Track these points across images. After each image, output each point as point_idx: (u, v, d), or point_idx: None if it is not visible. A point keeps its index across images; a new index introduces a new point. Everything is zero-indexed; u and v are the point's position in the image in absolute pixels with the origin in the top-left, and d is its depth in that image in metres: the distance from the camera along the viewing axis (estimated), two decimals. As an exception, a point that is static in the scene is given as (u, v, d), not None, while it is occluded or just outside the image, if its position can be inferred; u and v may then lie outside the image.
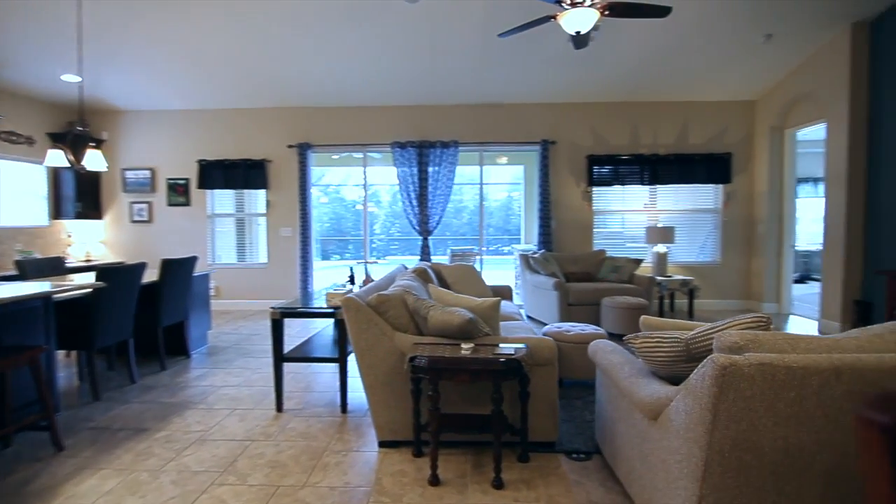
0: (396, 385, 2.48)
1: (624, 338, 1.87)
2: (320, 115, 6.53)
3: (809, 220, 7.52)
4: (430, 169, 6.40)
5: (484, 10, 4.54)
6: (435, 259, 12.15)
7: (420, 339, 2.46)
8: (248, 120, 6.58)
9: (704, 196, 6.54)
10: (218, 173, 6.54)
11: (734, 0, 4.42)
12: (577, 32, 3.17)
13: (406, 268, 4.24)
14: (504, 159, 9.72)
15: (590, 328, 3.50)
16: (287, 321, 4.78)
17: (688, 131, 6.40)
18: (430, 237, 6.55)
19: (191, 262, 4.29)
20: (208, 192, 6.70)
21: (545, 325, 5.34)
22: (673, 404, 1.58)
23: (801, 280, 8.33)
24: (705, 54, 5.31)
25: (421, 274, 3.58)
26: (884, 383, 1.33)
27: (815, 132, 5.92)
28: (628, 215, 6.60)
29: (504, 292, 4.63)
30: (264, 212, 6.71)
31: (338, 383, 3.13)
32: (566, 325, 3.59)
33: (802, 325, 5.49)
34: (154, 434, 2.76)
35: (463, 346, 2.25)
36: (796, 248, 6.39)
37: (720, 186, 6.47)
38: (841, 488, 1.41)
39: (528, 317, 5.94)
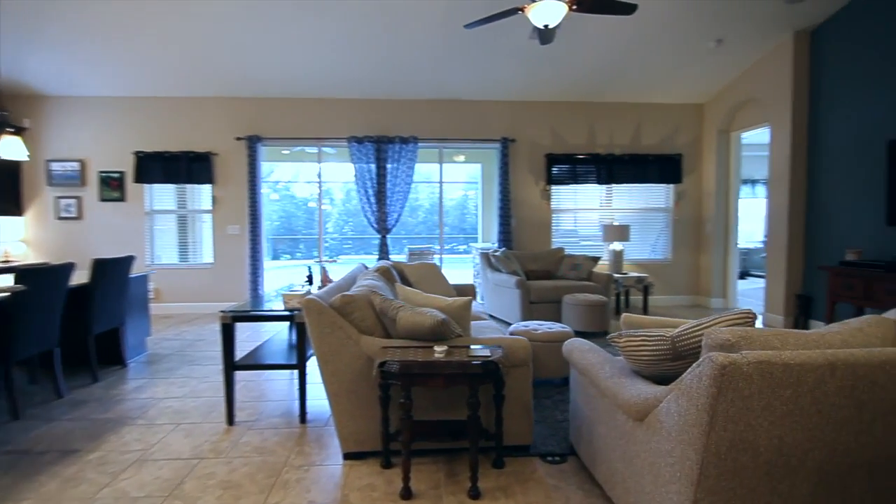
0: (363, 392, 2.31)
1: (608, 337, 1.80)
2: (271, 107, 6.19)
3: (746, 219, 7.94)
4: (389, 166, 6.21)
5: (446, 2, 4.43)
6: (392, 258, 11.86)
7: (389, 343, 2.31)
8: (192, 109, 6.14)
9: (657, 195, 6.73)
10: (157, 166, 6.06)
11: (689, 5, 4.54)
12: (546, 26, 3.11)
13: (366, 267, 4.05)
14: (462, 157, 9.66)
15: (557, 326, 3.46)
16: (237, 326, 4.49)
17: (641, 132, 6.57)
18: (388, 235, 6.37)
19: (126, 262, 3.91)
20: (146, 186, 6.20)
21: (508, 323, 5.30)
22: (663, 405, 1.51)
23: (741, 276, 8.79)
24: (660, 58, 5.44)
25: (385, 273, 3.41)
26: (875, 377, 1.32)
27: (753, 136, 6.23)
28: (585, 214, 6.69)
29: (468, 291, 4.53)
30: (209, 208, 6.28)
31: (296, 391, 2.92)
32: (533, 324, 3.54)
33: (748, 319, 5.74)
34: (85, 456, 2.45)
35: (436, 348, 2.12)
36: (738, 246, 6.71)
37: (671, 186, 6.68)
38: (830, 484, 1.40)
39: (490, 315, 5.88)
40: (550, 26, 3.13)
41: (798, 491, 1.39)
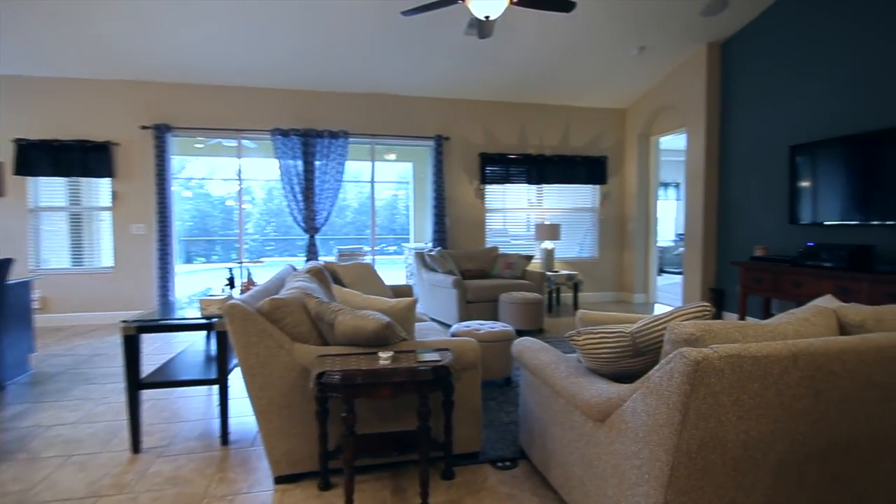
0: (297, 407, 2.07)
1: (566, 335, 1.72)
2: (184, 93, 5.61)
3: (659, 219, 8.47)
4: (318, 162, 5.86)
5: (379, -10, 4.23)
6: (321, 260, 11.33)
7: (326, 350, 2.08)
8: (88, 93, 5.40)
9: (584, 196, 6.96)
10: (44, 157, 5.26)
11: (615, 14, 4.70)
12: (487, 17, 3.02)
13: (295, 269, 3.74)
14: (392, 156, 9.45)
15: (499, 325, 3.39)
16: (143, 338, 4.01)
17: (570, 134, 6.75)
18: (317, 235, 6.02)
19: (2, 266, 3.31)
20: (30, 179, 5.37)
21: (446, 324, 5.19)
22: (628, 404, 1.45)
23: (658, 273, 9.37)
24: (588, 63, 5.60)
25: (317, 274, 3.15)
26: (832, 366, 1.33)
27: (665, 141, 6.63)
28: (517, 213, 6.75)
29: (405, 292, 4.35)
30: (109, 205, 5.57)
31: (216, 409, 2.59)
32: (474, 324, 3.44)
33: (668, 312, 6.08)
34: (-61, 506, 1.98)
35: (381, 354, 1.93)
36: (657, 244, 7.11)
37: (597, 187, 6.94)
38: (789, 475, 1.40)
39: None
40: (491, 18, 3.05)
41: (761, 484, 1.38)
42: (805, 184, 4.39)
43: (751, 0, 4.70)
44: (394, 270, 11.00)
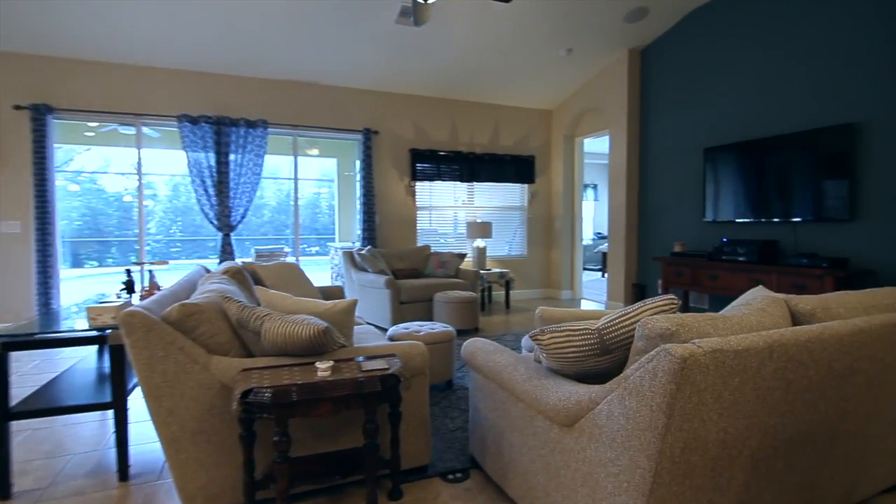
0: (216, 431, 1.75)
1: (529, 335, 1.59)
2: (70, 69, 4.84)
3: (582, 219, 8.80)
4: (234, 156, 5.34)
5: (303, -34, 3.89)
6: (238, 261, 10.53)
7: (252, 363, 1.79)
8: (-63, 64, 4.49)
9: (513, 194, 7.01)
10: None
11: (544, 14, 4.73)
12: (426, 0, 2.84)
13: (208, 270, 3.31)
14: (315, 151, 8.97)
15: (439, 326, 3.23)
16: (17, 356, 3.47)
17: (499, 133, 6.77)
18: (233, 235, 5.49)
19: None
20: None
21: (381, 327, 4.93)
22: (602, 407, 1.34)
23: (580, 270, 9.75)
24: (517, 62, 5.62)
25: (236, 275, 2.79)
26: (801, 357, 1.30)
27: (586, 143, 6.88)
28: (449, 211, 6.64)
29: (335, 293, 4.05)
30: (-29, 199, 4.67)
31: (111, 438, 2.17)
32: (413, 325, 3.25)
33: (593, 307, 6.28)
34: None
35: (318, 365, 1.68)
36: (582, 242, 7.35)
37: (526, 186, 7.03)
38: (759, 469, 1.36)
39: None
40: (429, 1, 2.88)
41: (735, 482, 1.33)
42: (717, 184, 4.69)
43: (668, 10, 4.95)
44: (318, 272, 10.47)
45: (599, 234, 11.65)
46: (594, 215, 11.95)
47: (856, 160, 3.67)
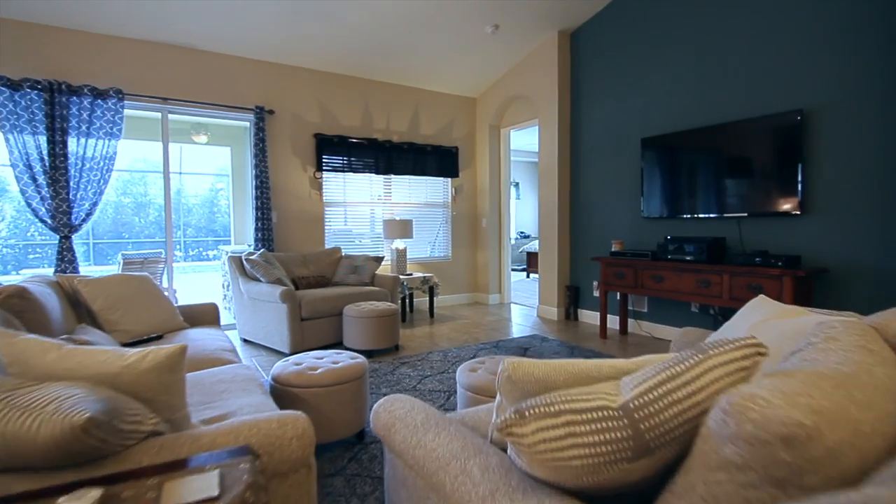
0: None
1: (499, 428, 0.85)
2: None
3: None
4: (74, 136, 4.08)
5: None
6: (92, 270, 8.92)
7: (-73, 500, 0.87)
8: None
9: (435, 189, 6.31)
10: None
11: (472, -30, 4.07)
12: None
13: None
14: (203, 138, 7.66)
15: (344, 356, 2.40)
16: None
17: (420, 120, 6.03)
18: (75, 235, 4.22)
19: None
20: None
21: (278, 351, 3.97)
22: None
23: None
24: (440, 36, 4.92)
25: (15, 302, 1.77)
26: None
27: (514, 138, 6.38)
28: (363, 208, 5.78)
29: (204, 313, 3.06)
30: None
31: None
32: (309, 358, 2.39)
33: (524, 312, 5.77)
34: None
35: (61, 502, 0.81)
36: (511, 241, 6.84)
37: (449, 180, 6.36)
38: None
39: (245, 340, 4.42)
40: None
41: None
42: (655, 177, 4.31)
43: (602, -15, 4.51)
44: (214, 279, 9.11)
45: (523, 233, 11.36)
46: (516, 214, 11.65)
47: (806, 150, 3.39)
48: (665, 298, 4.11)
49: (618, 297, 4.73)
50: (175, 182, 13.11)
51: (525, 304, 6.30)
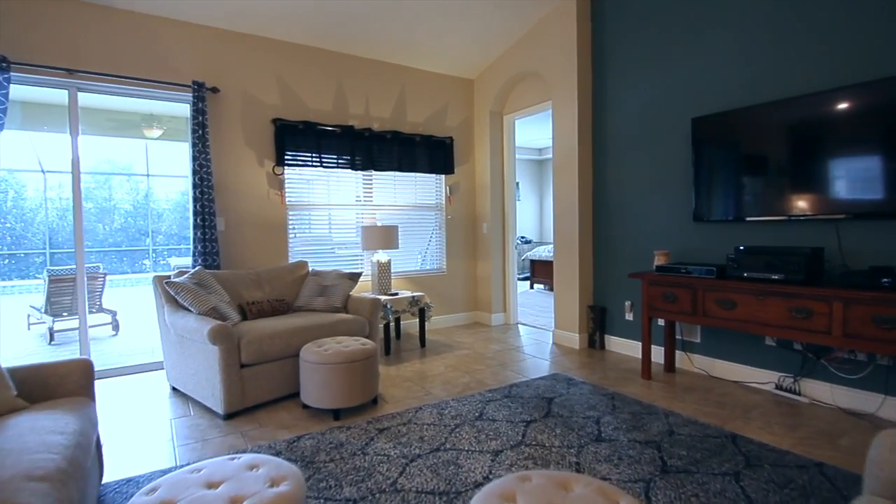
0: None
1: None
2: None
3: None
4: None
5: None
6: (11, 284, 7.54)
7: None
8: None
9: (426, 188, 5.25)
10: None
11: None
12: None
13: None
14: (156, 132, 6.57)
15: (267, 469, 1.33)
16: None
17: (406, 105, 4.99)
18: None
19: None
20: None
21: (207, 411, 2.80)
22: None
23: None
24: (426, 7, 3.90)
25: None
26: None
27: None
28: (339, 212, 4.71)
29: (63, 378, 1.95)
30: None
31: None
32: (211, 466, 1.32)
33: (536, 336, 4.72)
34: None
35: None
36: (516, 250, 5.80)
37: (443, 177, 5.32)
38: None
39: (175, 389, 3.33)
40: None
41: None
42: (715, 168, 3.29)
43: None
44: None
45: (524, 237, 10.34)
46: (517, 217, 10.64)
47: (953, 123, 2.38)
48: (732, 330, 3.08)
49: (659, 323, 3.71)
50: (144, 185, 11.99)
51: (535, 326, 5.26)
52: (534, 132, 8.72)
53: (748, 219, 3.11)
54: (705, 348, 3.51)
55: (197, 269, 3.36)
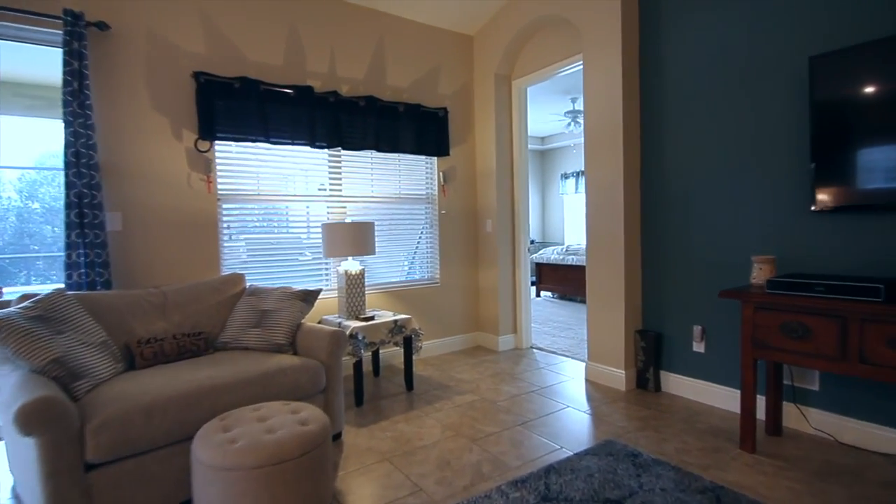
0: None
1: None
2: None
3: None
4: None
5: None
6: None
7: None
8: None
9: (414, 174, 4.06)
10: None
11: None
12: None
13: None
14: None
15: None
16: None
17: (385, 64, 3.79)
18: None
19: None
20: None
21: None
22: None
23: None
24: None
25: None
26: None
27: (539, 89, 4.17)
28: (294, 204, 3.48)
29: None
30: None
31: None
32: None
33: (560, 368, 3.55)
34: None
35: None
36: (528, 252, 4.62)
37: (434, 160, 4.13)
38: None
39: (15, 493, 2.10)
40: None
41: None
42: (852, 129, 2.14)
43: None
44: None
45: (533, 240, 9.18)
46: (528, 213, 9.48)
47: None
48: (890, 384, 1.94)
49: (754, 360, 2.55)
50: (54, 177, 10.64)
51: (555, 352, 4.09)
52: (537, 115, 7.56)
53: (919, 207, 1.97)
54: (827, 400, 2.36)
55: (50, 292, 2.13)
